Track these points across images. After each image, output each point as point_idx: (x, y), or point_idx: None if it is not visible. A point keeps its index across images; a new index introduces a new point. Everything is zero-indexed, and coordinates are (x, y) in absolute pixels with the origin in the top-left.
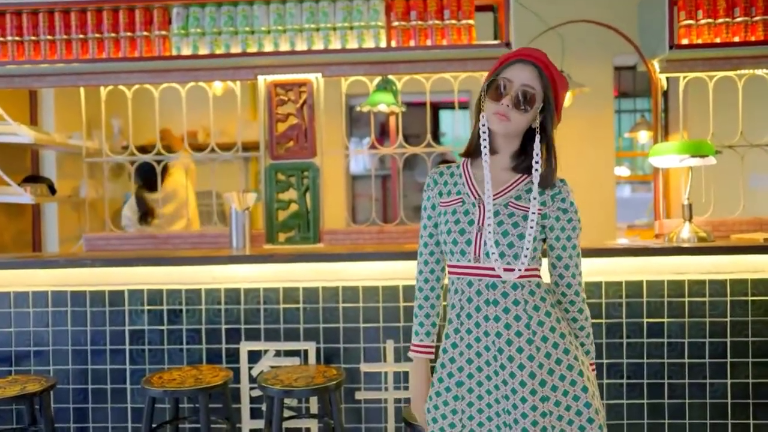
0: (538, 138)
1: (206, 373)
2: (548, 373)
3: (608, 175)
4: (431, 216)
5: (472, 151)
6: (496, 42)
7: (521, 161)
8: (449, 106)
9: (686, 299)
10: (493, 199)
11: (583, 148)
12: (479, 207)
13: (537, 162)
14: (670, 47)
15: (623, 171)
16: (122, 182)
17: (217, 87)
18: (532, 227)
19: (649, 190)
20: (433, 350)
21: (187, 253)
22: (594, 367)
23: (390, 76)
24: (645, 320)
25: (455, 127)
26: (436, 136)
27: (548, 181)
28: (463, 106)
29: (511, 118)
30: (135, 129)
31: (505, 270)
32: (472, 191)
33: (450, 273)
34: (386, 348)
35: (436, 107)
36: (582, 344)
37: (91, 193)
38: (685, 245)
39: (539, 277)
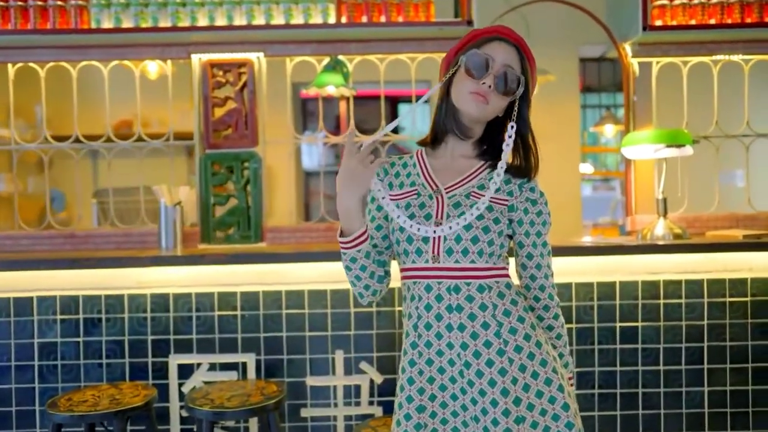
0: (513, 125)
1: (126, 392)
2: (523, 389)
3: (573, 171)
4: (380, 207)
5: (433, 139)
6: (456, 20)
7: (484, 149)
8: (408, 99)
9: (661, 301)
10: (454, 189)
11: (547, 142)
12: (437, 199)
13: (508, 146)
14: (644, 29)
15: (587, 168)
16: (49, 176)
17: (152, 71)
18: (486, 203)
19: (609, 189)
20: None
21: (107, 254)
22: (573, 380)
23: (340, 57)
24: (618, 324)
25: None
26: (395, 129)
27: (530, 172)
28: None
29: (490, 101)
30: (63, 116)
31: (469, 269)
32: (429, 182)
33: (404, 278)
34: (335, 359)
35: (395, 100)
36: (561, 355)
37: (10, 188)
38: (661, 243)
39: (508, 277)
